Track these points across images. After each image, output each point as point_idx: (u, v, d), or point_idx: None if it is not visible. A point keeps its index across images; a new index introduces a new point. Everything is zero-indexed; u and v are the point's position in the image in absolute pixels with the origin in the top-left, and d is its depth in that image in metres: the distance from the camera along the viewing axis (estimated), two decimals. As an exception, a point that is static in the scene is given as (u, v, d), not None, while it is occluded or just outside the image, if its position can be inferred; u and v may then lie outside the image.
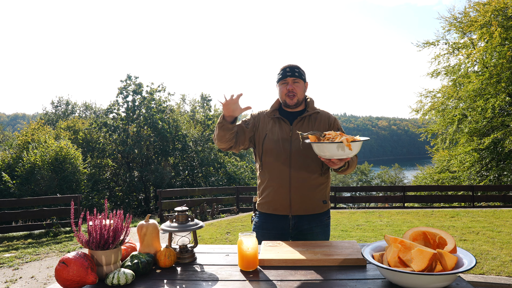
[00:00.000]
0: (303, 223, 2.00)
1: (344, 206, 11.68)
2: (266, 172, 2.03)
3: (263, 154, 2.03)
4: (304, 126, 2.03)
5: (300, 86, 2.04)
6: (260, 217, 2.09)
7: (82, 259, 1.29)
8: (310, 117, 2.06)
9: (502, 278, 3.88)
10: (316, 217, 2.02)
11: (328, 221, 2.09)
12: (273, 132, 2.03)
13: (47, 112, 30.38)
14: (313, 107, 2.09)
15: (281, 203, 1.99)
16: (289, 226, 2.00)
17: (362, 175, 40.82)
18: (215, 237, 6.36)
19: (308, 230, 2.01)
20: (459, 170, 15.01)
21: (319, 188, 2.01)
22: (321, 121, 2.06)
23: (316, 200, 2.01)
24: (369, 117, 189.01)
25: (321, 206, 2.03)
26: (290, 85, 2.01)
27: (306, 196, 1.98)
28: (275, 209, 2.02)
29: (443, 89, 16.00)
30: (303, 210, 1.99)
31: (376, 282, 1.31)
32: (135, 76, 19.16)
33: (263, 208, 2.07)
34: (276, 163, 1.99)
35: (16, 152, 15.13)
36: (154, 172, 18.05)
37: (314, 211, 2.01)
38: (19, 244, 6.94)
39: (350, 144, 1.56)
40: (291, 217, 2.00)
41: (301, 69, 2.06)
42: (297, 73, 2.02)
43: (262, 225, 2.05)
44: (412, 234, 1.41)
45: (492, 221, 6.97)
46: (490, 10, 13.27)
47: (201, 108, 25.73)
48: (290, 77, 2.01)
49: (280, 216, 2.01)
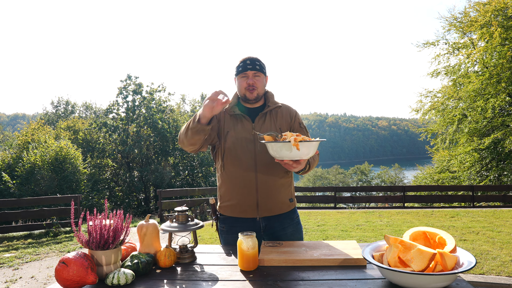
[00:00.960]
0: (274, 225, 1.93)
1: (344, 206, 11.67)
2: (229, 174, 1.92)
3: (225, 154, 1.92)
4: (266, 123, 1.93)
5: (261, 79, 1.94)
6: (226, 222, 1.96)
7: (82, 259, 1.29)
8: (271, 113, 1.96)
9: (502, 278, 3.88)
10: (285, 217, 1.95)
11: (298, 219, 2.02)
12: (235, 130, 1.91)
13: (47, 112, 30.41)
14: (273, 102, 1.99)
15: (247, 205, 1.89)
16: (260, 229, 1.92)
17: (362, 175, 40.86)
18: (215, 237, 6.36)
19: (281, 231, 1.94)
20: (459, 170, 15.01)
21: (285, 187, 1.94)
22: (283, 116, 1.97)
23: (283, 200, 1.94)
24: (369, 117, 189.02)
25: (288, 204, 1.96)
26: (251, 78, 1.91)
27: (273, 197, 1.90)
28: (241, 212, 1.91)
29: (443, 89, 16.02)
30: (271, 211, 1.91)
31: (376, 282, 1.31)
32: (135, 76, 19.19)
33: (227, 212, 1.96)
34: (240, 164, 1.88)
35: (16, 152, 15.13)
36: (154, 172, 18.05)
37: (281, 210, 1.94)
38: (19, 244, 6.94)
39: (297, 144, 1.48)
40: (260, 219, 1.91)
41: (261, 62, 1.96)
42: (258, 66, 1.92)
43: (231, 229, 1.94)
44: (412, 234, 1.41)
45: (492, 221, 6.97)
46: (490, 10, 13.27)
47: (201, 108, 25.72)
48: (251, 70, 1.90)
49: (248, 220, 1.91)
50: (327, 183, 37.17)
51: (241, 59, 1.97)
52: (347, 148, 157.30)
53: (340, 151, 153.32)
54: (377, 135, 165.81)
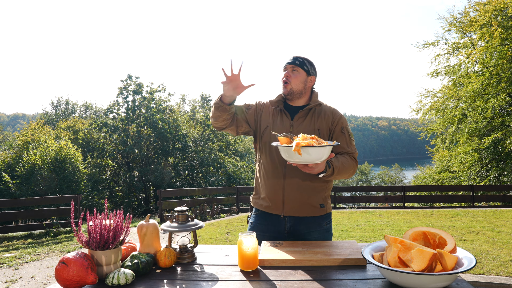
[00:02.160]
0: (299, 227, 1.88)
1: (344, 206, 11.69)
2: (263, 168, 1.94)
3: (262, 147, 1.94)
4: (306, 122, 1.89)
5: (298, 76, 1.88)
6: (255, 218, 2.00)
7: (82, 259, 1.29)
8: (313, 112, 1.91)
9: (502, 278, 3.88)
10: (313, 221, 1.89)
11: (329, 226, 1.96)
12: (274, 125, 1.91)
13: (47, 112, 30.42)
14: (316, 100, 1.93)
15: (273, 201, 1.89)
16: (284, 229, 1.90)
17: (362, 175, 40.87)
18: (215, 237, 6.36)
19: (306, 235, 1.89)
20: (459, 170, 15.02)
21: (315, 190, 1.88)
22: (325, 117, 1.90)
23: (311, 202, 1.88)
24: (369, 117, 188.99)
25: (317, 209, 1.89)
26: (288, 72, 1.90)
27: (300, 197, 1.86)
28: (267, 207, 1.92)
29: (443, 89, 16.03)
30: (296, 211, 1.87)
31: (376, 282, 1.31)
32: (135, 76, 19.20)
33: (256, 204, 1.99)
34: (272, 160, 1.88)
35: (16, 152, 15.14)
36: (154, 172, 18.06)
37: (309, 214, 1.88)
38: (19, 244, 6.94)
39: (299, 149, 1.46)
40: (284, 217, 1.89)
41: (306, 60, 1.91)
42: (298, 62, 1.88)
43: (257, 226, 1.96)
44: (412, 234, 1.41)
45: (492, 221, 6.97)
46: (490, 10, 13.28)
47: (201, 108, 25.76)
48: (289, 64, 1.89)
49: (273, 216, 1.91)
50: (327, 183, 37.04)
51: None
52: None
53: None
54: (377, 135, 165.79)
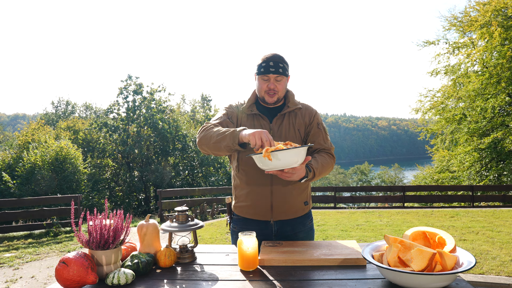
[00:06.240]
0: (286, 229, 1.88)
1: (344, 206, 11.68)
2: (245, 174, 1.87)
3: (241, 154, 1.85)
4: (284, 124, 1.86)
5: (282, 83, 1.83)
6: (239, 222, 1.94)
7: (82, 259, 1.30)
8: (290, 114, 1.88)
9: (501, 278, 3.88)
10: (299, 222, 1.90)
11: (311, 224, 1.97)
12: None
13: (47, 112, 30.46)
14: (294, 102, 1.89)
15: (262, 207, 1.85)
16: (271, 232, 1.88)
17: (362, 175, 40.90)
18: (215, 237, 6.37)
19: (292, 236, 1.89)
20: (459, 170, 15.02)
21: (301, 189, 1.88)
22: (302, 116, 1.89)
23: (298, 203, 1.88)
24: (369, 117, 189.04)
25: (302, 208, 1.91)
26: (272, 83, 1.80)
27: (288, 200, 1.85)
28: (255, 214, 1.87)
29: (442, 89, 16.04)
30: (285, 214, 1.86)
31: (376, 282, 1.31)
32: (135, 76, 19.21)
33: (241, 212, 1.92)
34: (255, 165, 1.76)
35: (16, 152, 15.16)
36: (154, 172, 18.07)
37: (296, 214, 1.89)
38: (20, 244, 6.94)
39: (269, 154, 1.43)
40: (273, 222, 1.87)
41: (285, 62, 1.83)
42: (281, 69, 1.79)
43: (242, 230, 1.89)
44: (412, 234, 1.41)
45: (492, 221, 6.97)
46: (490, 10, 13.28)
47: (201, 108, 25.80)
48: (273, 73, 1.78)
49: (261, 222, 1.88)
50: (327, 183, 37.13)
51: (264, 56, 1.83)
52: (347, 148, 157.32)
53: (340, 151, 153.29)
54: (377, 135, 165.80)
